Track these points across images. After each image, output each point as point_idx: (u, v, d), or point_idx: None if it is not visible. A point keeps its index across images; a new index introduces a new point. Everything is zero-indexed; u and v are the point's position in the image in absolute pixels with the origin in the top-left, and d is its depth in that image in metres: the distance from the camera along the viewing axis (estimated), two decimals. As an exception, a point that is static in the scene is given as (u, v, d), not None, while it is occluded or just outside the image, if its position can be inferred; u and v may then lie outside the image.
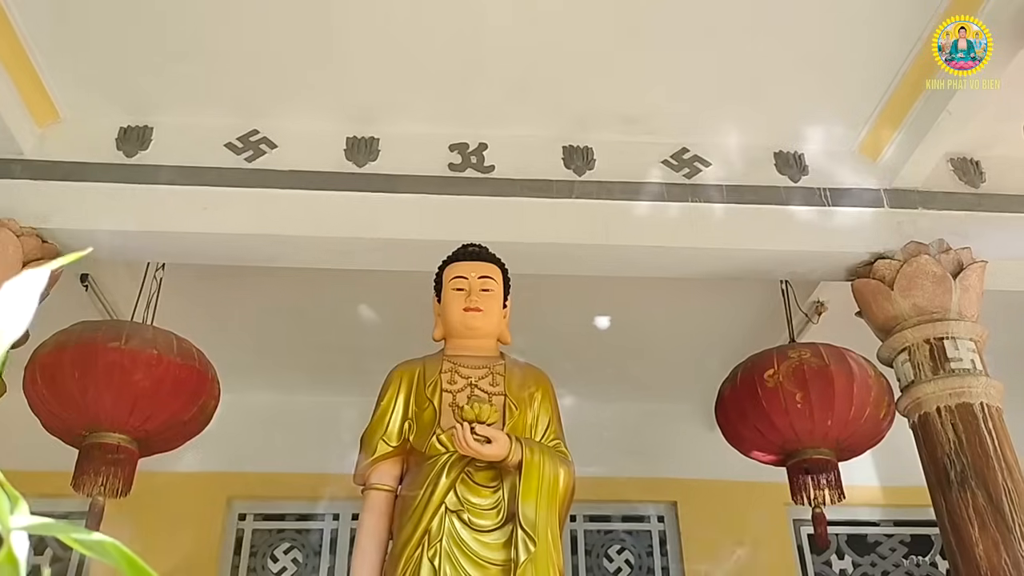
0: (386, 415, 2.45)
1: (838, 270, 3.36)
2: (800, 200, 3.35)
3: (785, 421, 3.18)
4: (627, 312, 4.38)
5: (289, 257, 3.31)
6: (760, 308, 4.18)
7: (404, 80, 3.20)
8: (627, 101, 3.33)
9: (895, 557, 4.95)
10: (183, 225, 3.14)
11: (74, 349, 2.94)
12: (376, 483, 2.42)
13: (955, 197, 3.40)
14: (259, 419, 4.81)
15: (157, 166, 3.22)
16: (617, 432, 4.87)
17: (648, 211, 3.30)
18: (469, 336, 2.52)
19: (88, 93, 3.24)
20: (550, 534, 2.18)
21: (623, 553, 4.88)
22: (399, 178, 3.26)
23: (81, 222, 3.11)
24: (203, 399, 3.17)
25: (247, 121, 3.32)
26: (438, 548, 2.15)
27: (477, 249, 2.64)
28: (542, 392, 2.51)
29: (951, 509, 2.81)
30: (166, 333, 3.17)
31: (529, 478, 2.19)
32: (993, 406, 2.91)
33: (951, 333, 3.02)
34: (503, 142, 3.37)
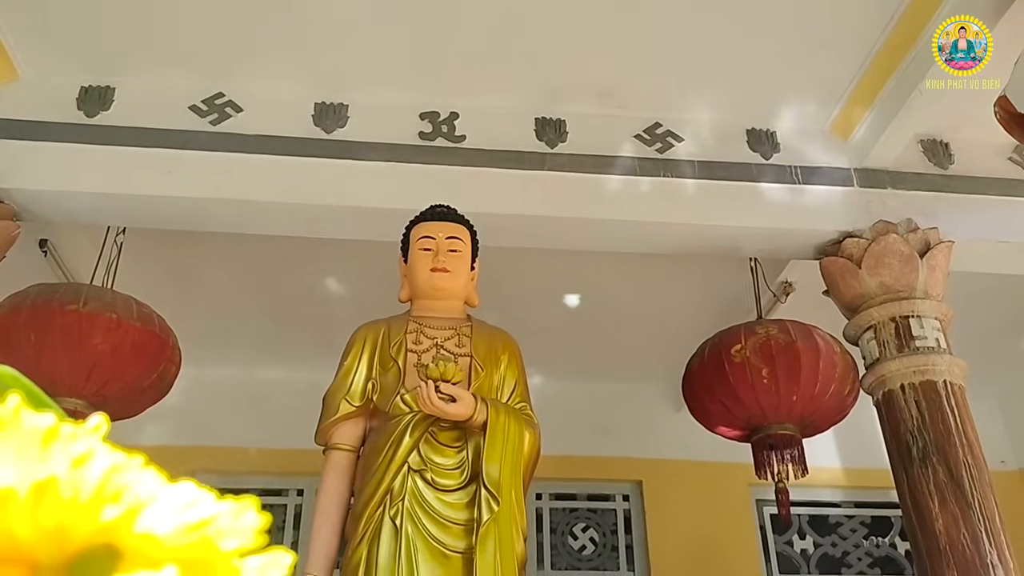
0: (349, 375, 2.41)
1: (807, 248, 3.37)
2: (771, 177, 3.35)
3: (751, 396, 3.19)
4: (595, 291, 4.37)
5: (254, 224, 3.25)
6: (728, 287, 4.19)
7: (374, 46, 3.15)
8: (601, 74, 3.30)
9: (855, 538, 5.00)
10: (145, 188, 3.07)
11: (30, 311, 2.86)
12: (338, 443, 2.38)
13: (924, 178, 3.42)
14: (223, 393, 4.74)
15: (119, 127, 3.14)
16: (584, 411, 4.86)
17: (620, 185, 3.28)
18: (436, 297, 2.48)
19: (48, 51, 3.15)
20: (514, 495, 2.15)
21: (588, 531, 4.88)
22: (368, 146, 3.21)
23: (40, 183, 3.03)
24: (163, 365, 3.11)
25: (212, 83, 3.25)
26: (400, 507, 2.12)
27: (445, 209, 2.60)
28: (509, 355, 2.48)
29: (912, 485, 2.83)
30: (126, 297, 3.10)
31: (494, 438, 2.16)
32: (956, 384, 2.94)
33: (917, 312, 3.04)
34: (475, 112, 3.33)
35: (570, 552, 4.81)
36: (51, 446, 0.20)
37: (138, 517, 0.20)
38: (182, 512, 0.21)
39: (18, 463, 0.20)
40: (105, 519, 0.20)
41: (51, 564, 0.19)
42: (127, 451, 0.27)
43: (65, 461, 0.20)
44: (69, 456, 0.20)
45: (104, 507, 0.20)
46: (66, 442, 0.20)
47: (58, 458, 0.20)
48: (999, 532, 2.69)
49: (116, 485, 0.20)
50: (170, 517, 0.21)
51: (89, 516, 0.19)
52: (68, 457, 0.20)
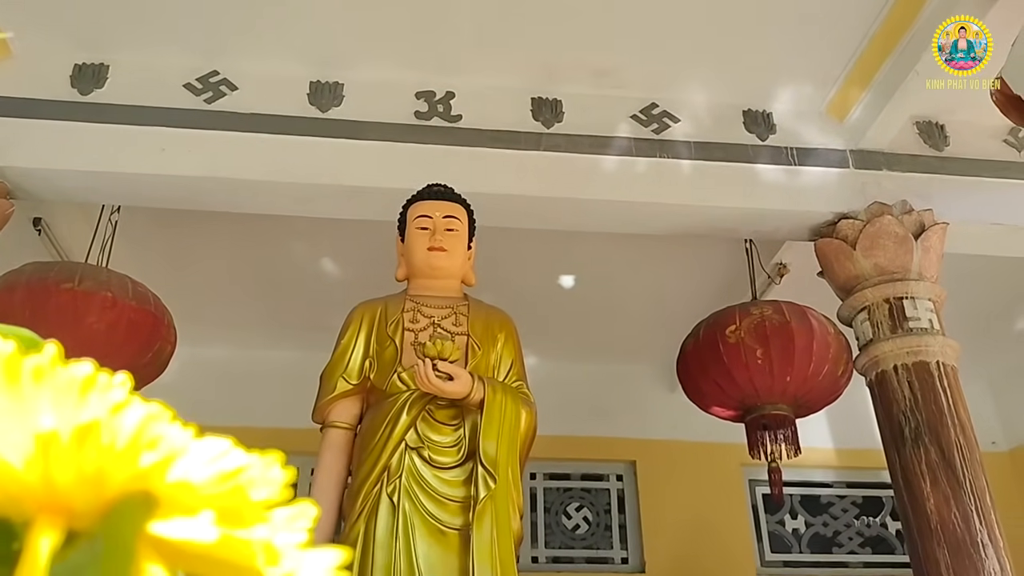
0: (346, 353, 2.41)
1: (802, 229, 3.37)
2: (767, 159, 3.35)
3: (745, 376, 3.20)
4: (591, 271, 4.38)
5: (249, 203, 3.24)
6: (724, 269, 4.20)
7: (370, 25, 3.13)
8: (598, 54, 3.29)
9: (847, 518, 5.05)
10: (140, 166, 3.05)
11: (24, 289, 2.85)
12: (335, 421, 2.39)
13: (919, 160, 3.42)
14: (217, 372, 4.74)
15: (113, 105, 3.11)
16: (578, 392, 4.89)
17: (616, 166, 3.28)
18: (433, 276, 2.48)
19: (41, 28, 3.12)
20: (511, 473, 2.17)
21: (582, 511, 4.92)
22: (364, 125, 3.20)
23: (34, 161, 3.01)
24: (158, 344, 3.11)
25: (207, 62, 3.23)
26: (397, 484, 2.13)
27: (442, 188, 2.60)
28: (506, 334, 2.49)
29: (904, 465, 2.85)
30: (121, 276, 3.10)
31: (490, 416, 2.17)
32: (949, 365, 2.96)
33: (910, 293, 3.05)
34: (471, 92, 3.32)
35: (564, 531, 4.84)
36: (88, 394, 0.21)
37: (172, 465, 0.21)
38: (215, 461, 0.21)
39: (57, 409, 0.20)
40: (143, 465, 0.20)
41: (88, 510, 0.20)
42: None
43: (104, 408, 0.20)
44: (107, 403, 0.21)
45: (141, 454, 0.20)
46: (103, 390, 0.21)
47: (96, 405, 0.20)
48: (990, 512, 2.72)
49: (152, 433, 0.21)
50: (203, 466, 0.21)
51: (127, 462, 0.20)
52: (106, 404, 0.21)
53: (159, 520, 0.20)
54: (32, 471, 0.19)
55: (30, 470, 0.19)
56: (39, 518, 0.19)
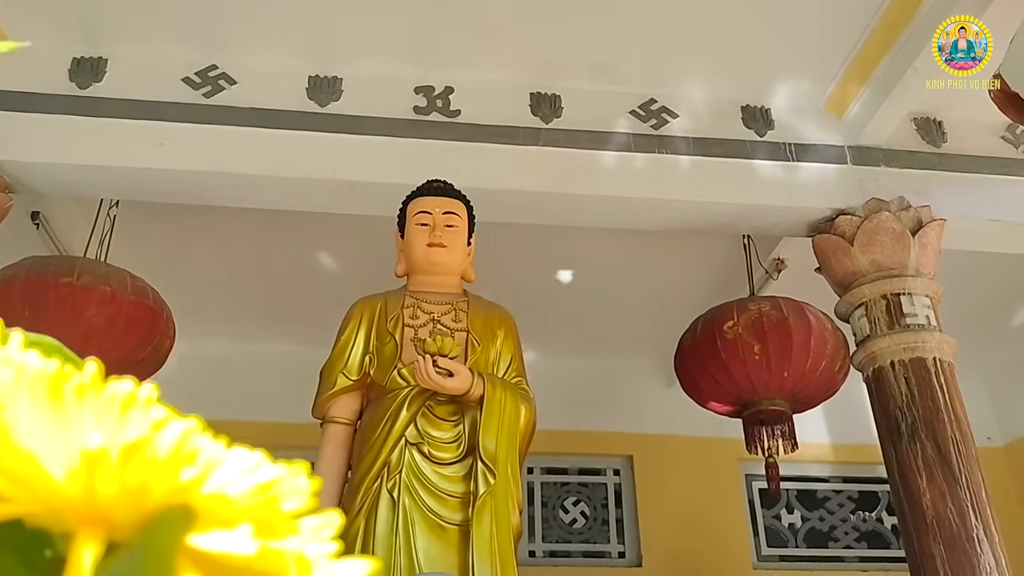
0: (346, 348, 2.42)
1: (800, 225, 3.38)
2: (765, 154, 3.35)
3: (742, 372, 3.21)
4: (589, 266, 4.39)
5: (248, 197, 3.24)
6: (721, 264, 4.21)
7: (369, 19, 3.12)
8: (596, 49, 3.29)
9: (843, 512, 5.07)
10: (138, 160, 3.05)
11: (23, 284, 2.85)
12: (335, 416, 2.40)
13: (917, 156, 3.43)
14: (215, 366, 4.74)
15: (111, 99, 3.11)
16: (576, 386, 4.90)
17: (614, 161, 3.28)
18: (432, 272, 2.48)
19: (40, 22, 3.11)
20: (510, 468, 2.18)
21: (579, 505, 4.93)
22: (362, 119, 3.20)
23: (33, 154, 3.01)
24: (157, 338, 3.11)
25: (206, 56, 3.23)
26: (397, 480, 2.14)
27: (442, 184, 2.60)
28: (505, 330, 2.49)
29: (901, 460, 2.87)
30: (120, 270, 3.10)
31: (490, 412, 2.18)
32: (945, 361, 2.97)
33: (908, 289, 3.06)
34: (470, 87, 3.32)
35: (561, 525, 4.86)
36: (130, 411, 0.21)
37: (209, 478, 0.21)
38: (249, 474, 0.22)
39: (101, 427, 0.20)
40: (183, 480, 0.20)
41: (129, 522, 0.20)
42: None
43: (146, 424, 0.21)
44: (149, 420, 0.21)
45: (181, 468, 0.21)
46: (144, 407, 0.21)
47: (138, 422, 0.21)
48: (985, 507, 2.73)
49: (190, 448, 0.21)
50: (238, 478, 0.22)
51: (168, 477, 0.20)
52: (148, 421, 0.21)
53: (197, 532, 0.21)
54: (75, 485, 0.20)
55: (72, 484, 0.20)
56: (81, 530, 0.20)
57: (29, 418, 0.20)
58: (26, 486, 0.20)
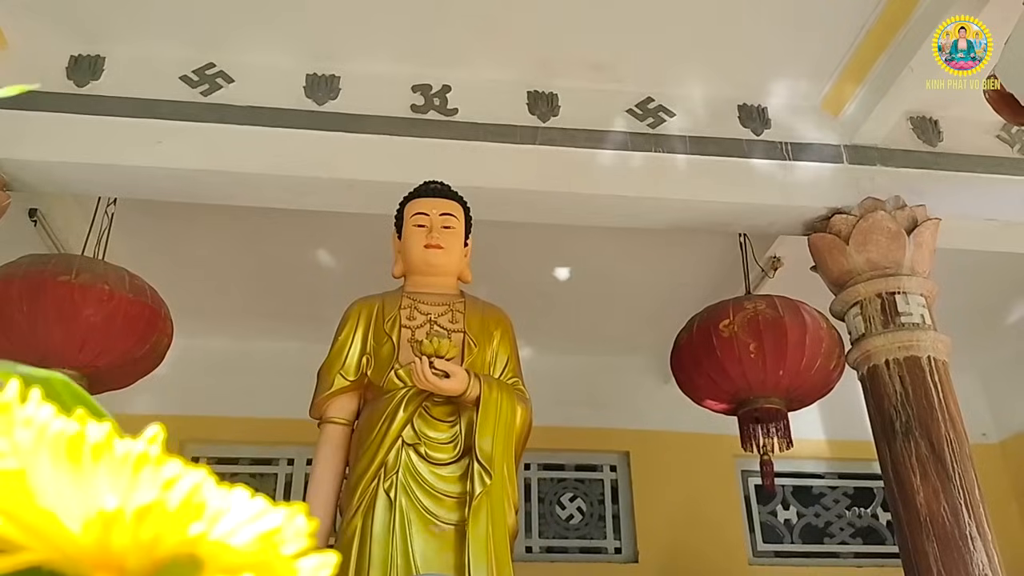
0: (344, 349, 2.43)
1: (796, 224, 3.40)
2: (762, 153, 3.37)
3: (738, 370, 3.23)
4: (585, 264, 4.40)
5: (246, 195, 3.25)
6: (718, 263, 4.23)
7: (367, 18, 3.13)
8: (594, 48, 3.30)
9: (838, 508, 5.10)
10: (136, 159, 3.06)
11: (22, 282, 2.86)
12: (333, 416, 2.41)
13: (913, 155, 3.44)
14: (213, 362, 4.76)
15: (109, 97, 3.12)
16: (572, 383, 4.92)
17: (611, 160, 3.29)
18: (429, 273, 2.49)
19: (37, 19, 3.11)
20: (506, 468, 2.19)
21: (576, 501, 4.95)
22: (360, 118, 3.21)
23: (30, 153, 3.01)
24: (155, 336, 3.12)
25: (203, 54, 3.23)
26: (394, 480, 2.15)
27: (439, 185, 2.61)
28: (501, 331, 2.51)
29: (895, 458, 2.88)
30: (117, 268, 3.11)
31: (486, 413, 2.20)
32: (940, 360, 2.99)
33: (903, 288, 3.08)
34: (467, 85, 3.32)
35: (558, 521, 4.88)
36: (143, 469, 0.22)
37: (215, 528, 0.22)
38: (252, 522, 0.23)
39: (114, 485, 0.22)
40: (191, 534, 0.22)
41: (139, 570, 0.21)
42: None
43: (158, 483, 0.22)
44: (161, 478, 0.22)
45: (191, 523, 0.22)
46: (156, 465, 0.23)
47: (150, 480, 0.22)
48: (978, 505, 2.75)
49: (198, 501, 0.22)
50: (243, 528, 0.23)
51: (178, 529, 0.22)
52: (160, 479, 0.22)
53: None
54: (90, 537, 0.21)
55: (88, 536, 0.21)
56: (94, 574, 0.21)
57: (49, 477, 0.21)
58: (45, 538, 0.21)
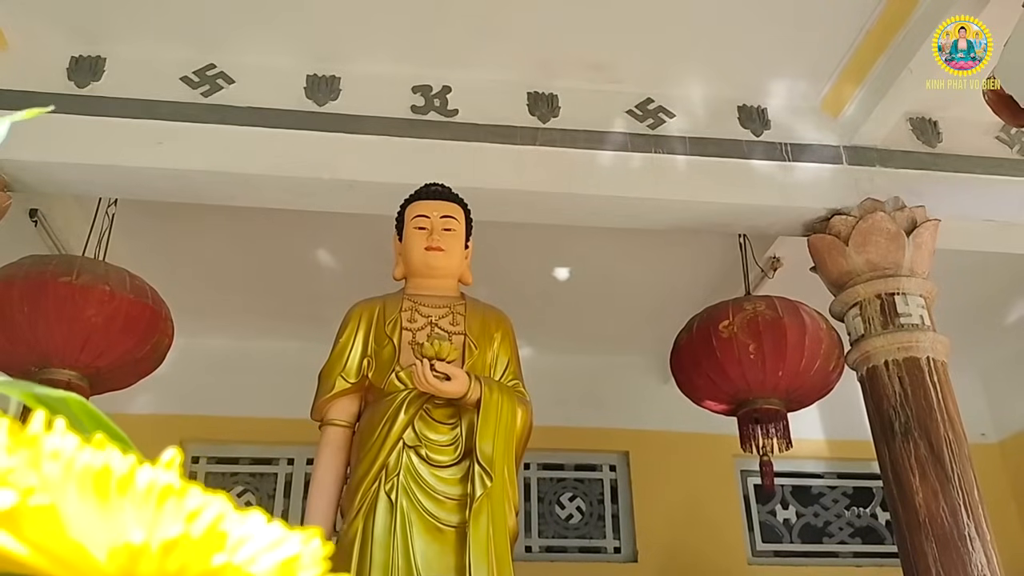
0: (345, 351, 2.44)
1: (795, 225, 3.40)
2: (761, 154, 3.37)
3: (738, 371, 3.24)
4: (585, 264, 4.41)
5: (245, 196, 3.25)
6: (718, 265, 4.23)
7: (367, 18, 3.13)
8: (593, 49, 3.30)
9: (837, 508, 5.11)
10: (137, 160, 3.06)
11: (23, 283, 2.87)
12: (334, 418, 2.42)
13: (912, 156, 3.45)
14: (213, 362, 4.77)
15: (110, 98, 3.12)
16: (572, 382, 4.93)
17: (611, 161, 3.30)
18: (430, 275, 2.50)
19: (37, 20, 3.12)
20: (507, 471, 2.20)
21: (575, 500, 4.96)
22: (360, 119, 3.21)
23: (31, 153, 3.01)
24: (156, 337, 3.12)
25: (204, 55, 3.24)
26: (395, 482, 2.16)
27: (440, 188, 2.62)
28: (502, 333, 2.52)
29: (894, 459, 2.89)
30: (118, 269, 3.11)
31: (487, 415, 2.20)
32: (939, 360, 2.99)
33: (902, 289, 3.08)
34: (467, 86, 3.33)
35: (557, 521, 4.89)
36: (167, 501, 0.23)
37: (237, 556, 0.23)
38: (273, 550, 0.24)
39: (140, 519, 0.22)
40: (215, 564, 0.22)
41: (163, 598, 0.22)
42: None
43: (182, 515, 0.23)
44: (184, 510, 0.23)
45: (214, 552, 0.22)
46: (180, 496, 0.23)
47: (175, 513, 0.23)
48: (977, 506, 2.76)
49: (220, 531, 0.23)
50: (263, 555, 0.23)
51: (202, 560, 0.22)
52: (184, 511, 0.23)
53: (226, 605, 0.22)
54: (116, 567, 0.22)
55: (114, 566, 0.22)
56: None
57: (76, 510, 0.22)
58: (75, 570, 0.21)
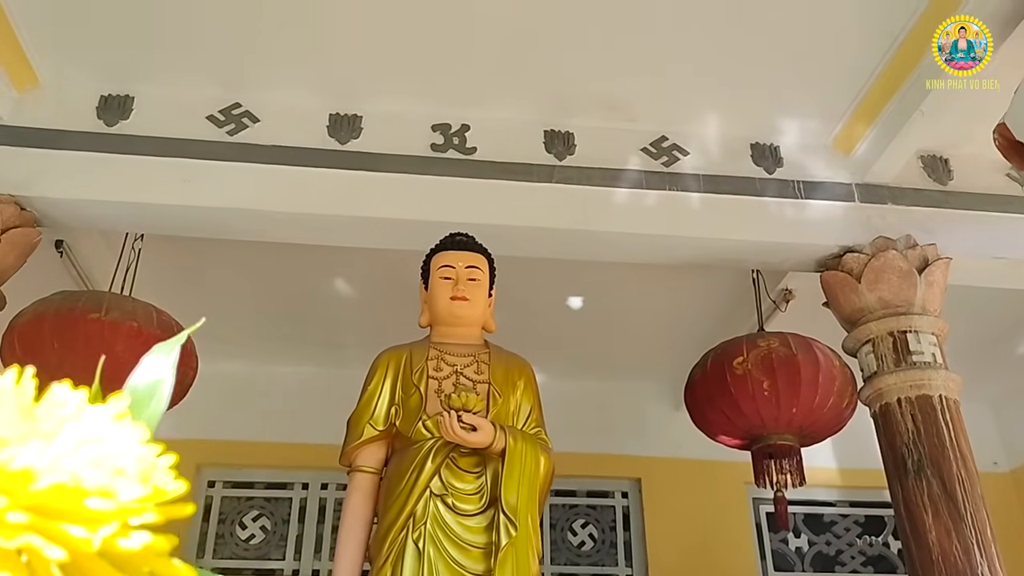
0: (373, 399, 2.50)
1: (808, 262, 3.44)
2: (774, 192, 3.42)
3: (752, 407, 3.28)
4: (600, 294, 4.46)
5: (269, 232, 3.32)
6: (729, 294, 4.28)
7: (389, 59, 3.20)
8: (609, 88, 3.36)
9: (849, 536, 5.12)
10: (163, 197, 3.13)
11: (53, 319, 2.93)
12: (362, 465, 2.48)
13: (923, 194, 3.49)
14: (231, 388, 4.82)
15: (138, 136, 3.19)
16: (585, 409, 4.96)
17: (626, 198, 3.35)
18: (455, 324, 2.57)
19: (69, 59, 3.20)
20: (530, 519, 2.26)
21: (587, 528, 4.99)
22: (381, 157, 3.28)
23: (60, 191, 3.09)
24: (181, 371, 3.16)
25: (230, 94, 3.31)
26: (423, 531, 2.22)
27: (465, 239, 2.69)
28: (525, 381, 2.58)
29: (907, 497, 2.92)
30: (146, 305, 3.18)
31: (511, 465, 2.26)
32: (951, 398, 3.02)
33: (914, 327, 3.12)
34: (486, 124, 3.39)
35: (569, 548, 4.92)
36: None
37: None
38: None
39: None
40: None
41: None
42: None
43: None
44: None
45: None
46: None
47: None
48: (990, 544, 2.79)
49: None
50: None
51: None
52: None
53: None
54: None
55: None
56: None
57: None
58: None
